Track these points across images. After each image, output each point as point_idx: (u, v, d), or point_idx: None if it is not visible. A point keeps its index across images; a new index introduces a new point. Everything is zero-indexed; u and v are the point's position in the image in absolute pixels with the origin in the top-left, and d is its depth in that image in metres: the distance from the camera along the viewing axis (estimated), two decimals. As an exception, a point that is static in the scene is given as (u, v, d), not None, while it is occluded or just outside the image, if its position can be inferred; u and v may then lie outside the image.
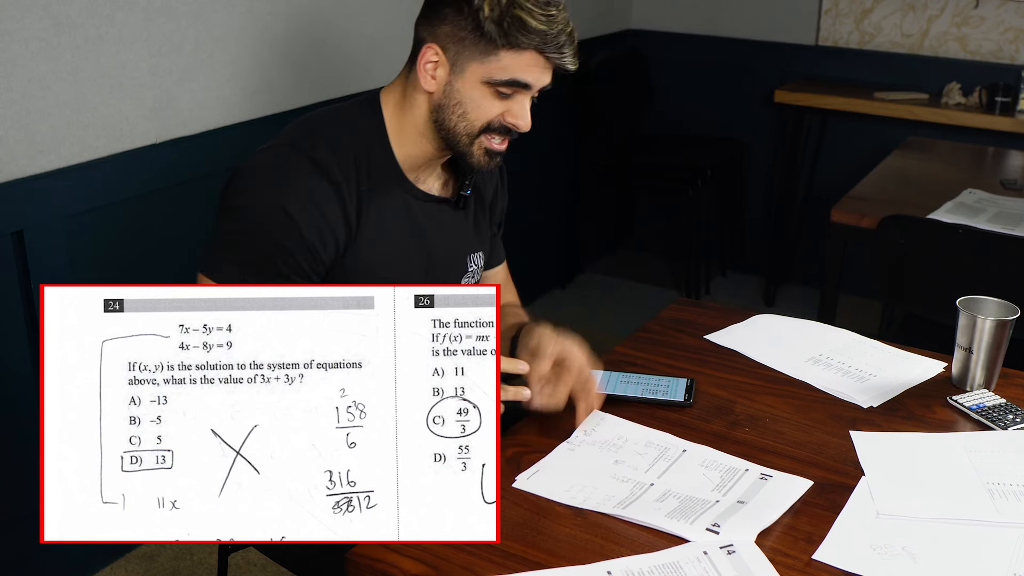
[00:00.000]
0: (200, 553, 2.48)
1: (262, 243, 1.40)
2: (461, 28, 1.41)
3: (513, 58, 1.41)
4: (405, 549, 1.18)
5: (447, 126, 1.46)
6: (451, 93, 1.44)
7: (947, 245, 2.35)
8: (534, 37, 1.39)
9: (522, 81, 1.43)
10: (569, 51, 1.43)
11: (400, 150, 1.50)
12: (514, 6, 1.38)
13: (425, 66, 1.44)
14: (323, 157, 1.44)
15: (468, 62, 1.42)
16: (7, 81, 2.02)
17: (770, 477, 1.33)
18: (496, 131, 1.47)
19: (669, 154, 4.05)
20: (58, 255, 2.17)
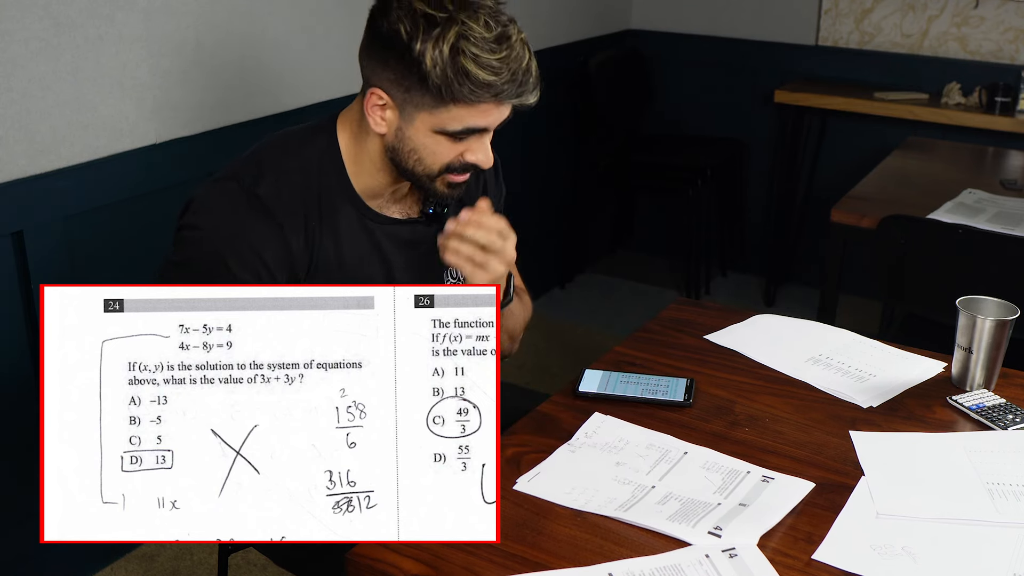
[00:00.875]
0: (200, 553, 2.48)
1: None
2: (405, 77, 1.30)
3: (464, 110, 1.31)
4: (405, 549, 1.18)
5: (404, 167, 1.39)
6: (403, 139, 1.36)
7: (947, 245, 2.35)
8: (485, 92, 1.29)
9: (477, 127, 1.34)
10: (527, 88, 1.32)
11: (357, 179, 1.43)
12: (459, 54, 1.26)
13: (371, 108, 1.36)
14: (267, 194, 1.37)
15: (416, 111, 1.33)
16: (7, 81, 2.02)
17: (772, 479, 1.32)
18: (457, 170, 1.39)
19: (669, 154, 4.05)
20: (58, 255, 2.17)
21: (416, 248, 1.52)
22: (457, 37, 1.26)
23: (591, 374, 1.59)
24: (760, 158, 4.14)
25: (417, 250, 1.52)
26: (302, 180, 1.40)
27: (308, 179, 1.40)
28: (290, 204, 1.38)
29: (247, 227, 1.36)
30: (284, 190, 1.38)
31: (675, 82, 4.24)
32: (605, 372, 1.60)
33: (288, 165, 1.40)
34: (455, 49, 1.26)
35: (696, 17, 4.16)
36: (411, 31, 1.28)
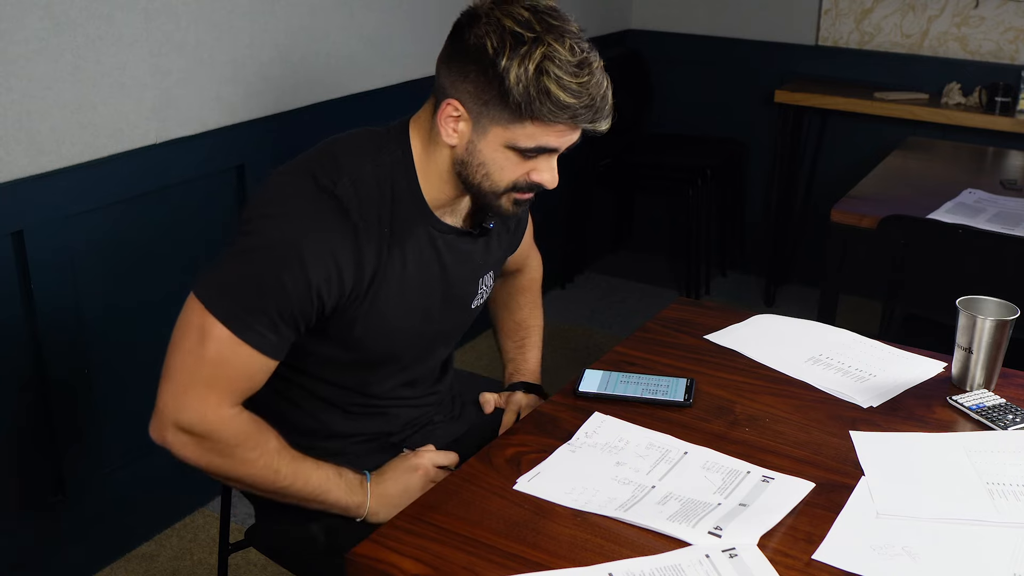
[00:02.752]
0: (200, 553, 2.48)
1: (263, 279, 1.33)
2: (485, 91, 1.30)
3: (540, 128, 1.32)
4: (405, 549, 1.19)
5: (471, 182, 1.39)
6: (473, 152, 1.36)
7: (947, 245, 2.35)
8: (563, 113, 1.30)
9: (548, 147, 1.35)
10: (603, 115, 1.34)
11: (427, 188, 1.43)
12: (543, 74, 1.27)
13: (445, 120, 1.35)
14: (345, 196, 1.36)
15: (492, 125, 1.33)
16: (7, 81, 2.02)
17: (772, 479, 1.32)
18: (522, 189, 1.40)
19: (669, 154, 4.05)
20: (58, 255, 2.16)
21: (468, 257, 1.53)
22: (543, 57, 1.28)
23: (591, 374, 1.59)
24: (760, 158, 4.14)
25: (468, 259, 1.53)
26: (378, 187, 1.40)
27: (383, 187, 1.40)
28: (366, 209, 1.38)
29: (325, 224, 1.35)
30: (362, 195, 1.38)
31: (675, 82, 4.24)
32: (605, 372, 1.60)
33: (365, 170, 1.39)
34: (540, 69, 1.27)
35: (696, 17, 4.16)
36: (498, 47, 1.28)
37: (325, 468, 1.45)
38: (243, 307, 1.34)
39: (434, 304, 1.51)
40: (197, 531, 2.56)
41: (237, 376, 1.37)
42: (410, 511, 1.26)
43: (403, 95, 3.01)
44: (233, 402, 1.38)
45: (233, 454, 1.39)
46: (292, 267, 1.33)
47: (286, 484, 1.42)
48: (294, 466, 1.42)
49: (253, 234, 1.36)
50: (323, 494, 1.44)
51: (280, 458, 1.41)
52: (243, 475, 1.42)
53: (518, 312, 1.84)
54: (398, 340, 1.49)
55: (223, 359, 1.35)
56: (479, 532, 1.22)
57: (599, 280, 4.25)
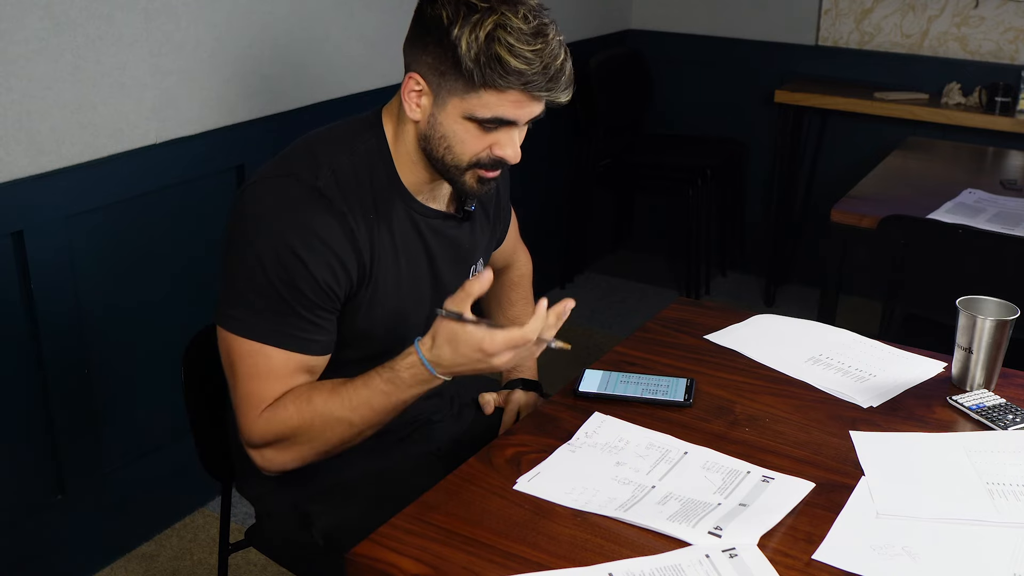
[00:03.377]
0: (200, 553, 2.48)
1: (275, 288, 1.35)
2: (442, 61, 1.33)
3: (495, 97, 1.33)
4: (405, 549, 1.18)
5: (434, 156, 1.41)
6: (435, 125, 1.38)
7: (947, 245, 2.35)
8: (515, 79, 1.30)
9: (505, 119, 1.35)
10: (559, 85, 1.34)
11: (403, 171, 1.46)
12: (493, 41, 1.29)
13: (408, 94, 1.38)
14: (327, 187, 1.38)
15: (449, 96, 1.35)
16: (7, 81, 2.02)
17: (772, 479, 1.32)
18: (485, 165, 1.40)
19: (669, 154, 4.05)
20: (58, 255, 2.16)
21: (453, 242, 1.55)
22: (495, 26, 1.30)
23: (591, 374, 1.59)
24: (760, 158, 4.14)
25: (454, 244, 1.55)
26: (356, 175, 1.42)
27: (361, 174, 1.43)
28: (349, 198, 1.40)
29: (313, 219, 1.37)
30: (342, 184, 1.40)
31: (675, 82, 4.24)
32: (605, 372, 1.60)
33: (342, 160, 1.42)
34: (491, 36, 1.29)
35: (696, 17, 4.16)
36: (452, 17, 1.31)
37: (376, 382, 1.36)
38: (278, 321, 1.36)
39: (426, 291, 1.52)
40: (197, 531, 2.56)
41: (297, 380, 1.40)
42: (410, 511, 1.26)
43: (403, 95, 3.01)
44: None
45: (297, 432, 1.38)
46: (295, 269, 1.35)
47: (360, 421, 1.37)
48: (351, 403, 1.37)
49: (248, 247, 1.37)
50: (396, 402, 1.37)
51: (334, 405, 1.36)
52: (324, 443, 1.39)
53: (511, 308, 1.85)
54: (400, 327, 1.50)
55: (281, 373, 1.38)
56: (479, 532, 1.22)
57: (599, 280, 4.25)
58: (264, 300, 1.36)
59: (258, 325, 1.37)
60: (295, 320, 1.37)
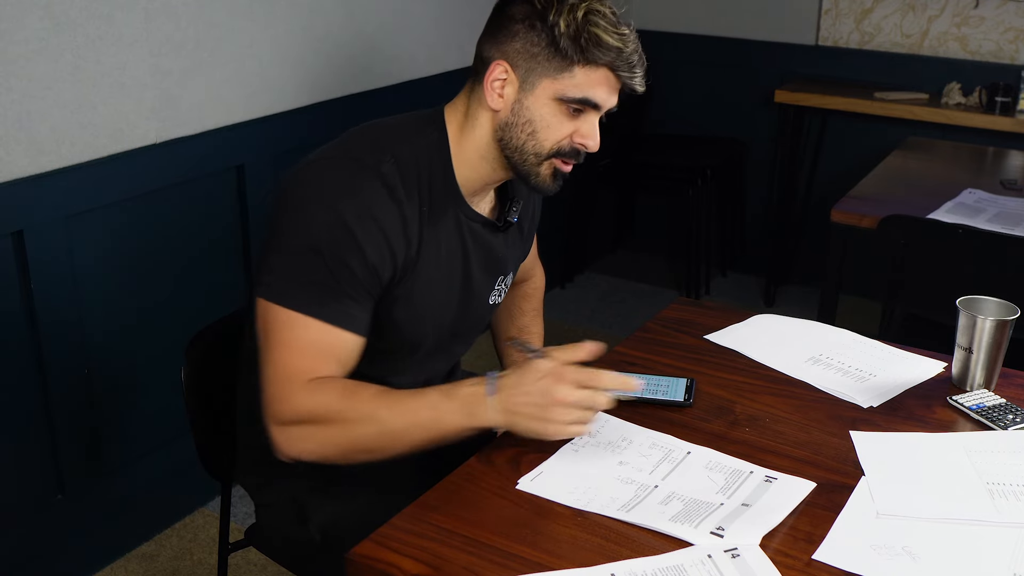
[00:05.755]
0: (200, 553, 2.48)
1: (323, 261, 1.35)
2: (534, 44, 1.38)
3: (587, 75, 1.38)
4: (405, 549, 1.18)
5: (514, 144, 1.42)
6: (520, 111, 1.41)
7: (947, 245, 2.35)
8: (609, 53, 1.37)
9: (593, 100, 1.40)
10: (640, 71, 1.41)
11: (460, 171, 1.46)
12: (589, 23, 1.37)
13: (492, 83, 1.40)
14: (389, 173, 1.39)
15: (540, 79, 1.39)
16: (7, 81, 2.02)
17: (775, 479, 1.32)
18: (566, 154, 1.43)
19: (669, 154, 4.05)
20: (58, 255, 2.16)
21: (489, 250, 1.55)
22: (588, 10, 1.38)
23: (591, 374, 1.59)
24: (760, 158, 4.14)
25: (489, 252, 1.55)
26: (416, 166, 1.43)
27: (420, 167, 1.43)
28: (408, 187, 1.41)
29: (372, 200, 1.37)
30: (403, 173, 1.41)
31: (675, 82, 4.24)
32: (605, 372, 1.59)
33: (405, 151, 1.43)
34: (587, 19, 1.37)
35: (696, 17, 4.16)
36: (545, 4, 1.38)
37: (429, 396, 1.34)
38: (321, 293, 1.36)
39: (455, 294, 1.52)
40: (197, 531, 2.56)
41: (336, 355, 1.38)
42: (410, 511, 1.26)
43: (404, 95, 3.02)
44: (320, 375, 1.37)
45: (331, 419, 1.35)
46: (348, 245, 1.35)
47: (397, 430, 1.33)
48: (396, 408, 1.34)
49: (304, 219, 1.37)
50: (438, 425, 1.33)
51: (377, 403, 1.34)
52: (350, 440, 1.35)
53: (520, 318, 1.85)
54: (428, 326, 1.50)
55: (317, 348, 1.37)
56: (479, 532, 1.22)
57: (599, 280, 4.25)
58: (310, 272, 1.35)
59: (300, 295, 1.35)
60: (338, 294, 1.36)
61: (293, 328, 1.36)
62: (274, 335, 1.37)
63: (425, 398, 1.34)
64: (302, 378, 1.36)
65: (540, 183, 1.46)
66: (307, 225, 1.36)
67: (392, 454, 1.36)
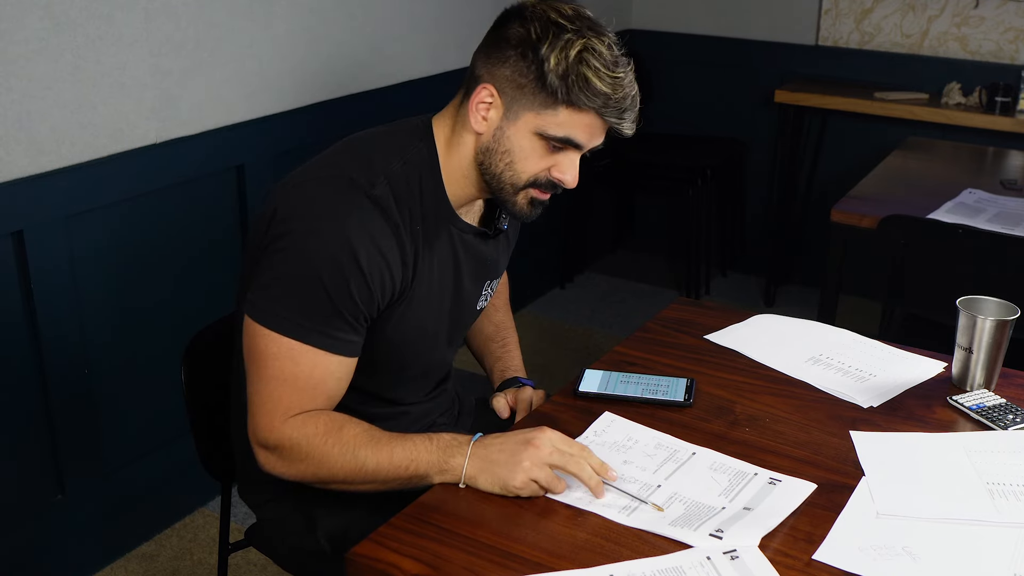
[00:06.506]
0: (200, 553, 2.48)
1: (324, 288, 1.32)
2: (523, 75, 1.34)
3: (571, 116, 1.35)
4: (405, 549, 1.18)
5: (492, 171, 1.40)
6: (501, 139, 1.38)
7: (947, 245, 2.35)
8: (596, 99, 1.33)
9: (575, 141, 1.37)
10: (630, 117, 1.38)
11: (449, 187, 1.44)
12: (581, 63, 1.32)
13: (477, 105, 1.38)
14: (383, 196, 1.36)
15: (524, 111, 1.36)
16: (7, 81, 2.02)
17: (779, 482, 1.32)
18: (542, 186, 1.41)
19: (669, 154, 4.05)
20: (58, 255, 2.16)
21: (480, 258, 1.54)
22: (583, 48, 1.33)
23: (591, 374, 1.59)
24: (760, 158, 4.14)
25: (480, 260, 1.54)
26: (407, 185, 1.41)
27: (412, 185, 1.41)
28: (401, 208, 1.39)
29: (372, 226, 1.35)
30: (396, 194, 1.39)
31: (675, 82, 4.24)
32: (605, 372, 1.60)
33: (397, 170, 1.40)
34: (579, 58, 1.33)
35: (696, 17, 4.16)
36: (540, 34, 1.34)
37: (413, 438, 1.35)
38: (319, 321, 1.34)
39: (447, 303, 1.51)
40: (197, 531, 2.56)
41: (325, 388, 1.38)
42: (410, 511, 1.26)
43: (403, 95, 3.02)
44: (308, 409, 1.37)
45: (312, 454, 1.35)
46: (350, 271, 1.33)
47: (373, 469, 1.34)
48: (376, 448, 1.34)
49: (302, 245, 1.34)
50: (412, 465, 1.33)
51: (359, 443, 1.34)
52: (331, 473, 1.36)
53: (495, 315, 1.84)
54: (422, 340, 1.50)
55: (309, 378, 1.35)
56: (479, 532, 1.22)
57: (599, 280, 4.25)
58: (309, 299, 1.33)
59: (297, 322, 1.33)
60: (336, 321, 1.34)
61: (288, 356, 1.34)
62: (266, 362, 1.35)
63: (407, 439, 1.35)
64: (291, 411, 1.36)
65: (517, 211, 1.44)
66: (306, 252, 1.33)
67: (367, 490, 1.37)
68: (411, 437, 1.35)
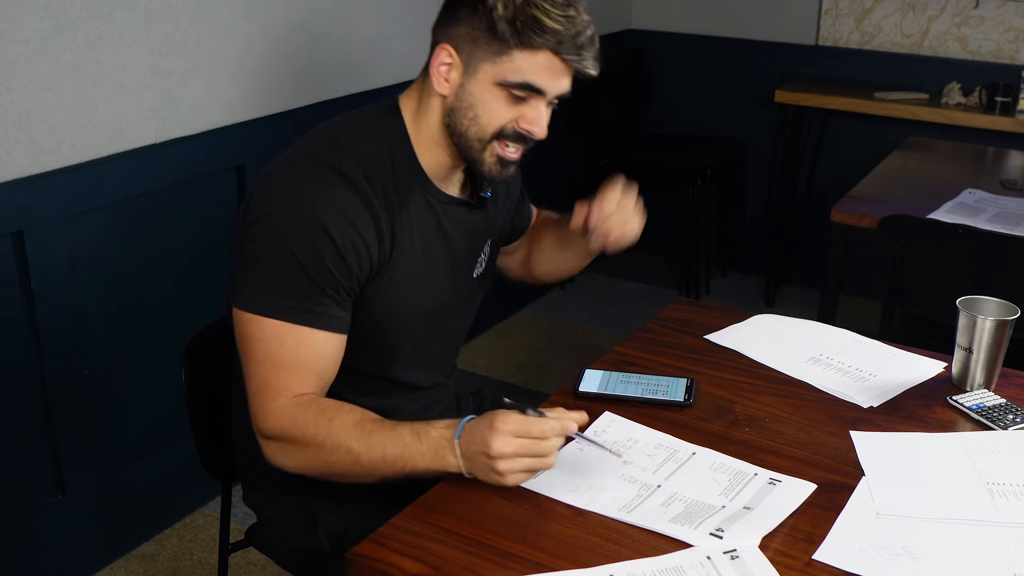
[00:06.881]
0: (200, 553, 2.48)
1: (300, 264, 1.34)
2: (475, 28, 1.36)
3: (527, 59, 1.35)
4: (405, 549, 1.18)
5: (459, 130, 1.41)
6: (463, 96, 1.39)
7: (947, 245, 2.35)
8: (549, 37, 1.34)
9: (535, 86, 1.37)
10: (589, 54, 1.37)
11: (423, 156, 1.45)
12: (529, 5, 1.33)
13: (439, 68, 1.40)
14: (351, 170, 1.38)
15: (481, 63, 1.37)
16: (7, 81, 2.02)
17: (779, 482, 1.32)
18: (509, 137, 1.41)
19: (669, 154, 4.05)
20: (58, 255, 2.16)
21: (470, 228, 1.55)
22: None
23: (591, 374, 1.59)
24: (760, 158, 4.14)
25: (471, 230, 1.55)
26: (378, 159, 1.42)
27: (383, 159, 1.43)
28: (372, 182, 1.41)
29: (340, 198, 1.37)
30: (365, 169, 1.40)
31: (675, 82, 4.24)
32: (605, 372, 1.60)
33: (365, 146, 1.42)
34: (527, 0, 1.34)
35: (696, 17, 4.16)
36: None
37: (402, 434, 1.32)
38: (300, 298, 1.35)
39: (440, 275, 1.51)
40: (197, 531, 2.56)
41: (314, 366, 1.37)
42: (410, 511, 1.26)
43: (403, 95, 3.01)
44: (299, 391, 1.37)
45: (307, 442, 1.34)
46: (321, 243, 1.34)
47: (368, 463, 1.32)
48: (369, 441, 1.32)
49: (274, 225, 1.36)
50: (408, 464, 1.31)
51: (351, 435, 1.33)
52: (326, 464, 1.35)
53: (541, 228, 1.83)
54: (412, 316, 1.49)
55: (296, 357, 1.35)
56: (479, 532, 1.22)
57: (599, 280, 4.25)
58: (287, 278, 1.34)
59: (278, 302, 1.34)
60: (317, 297, 1.35)
61: (273, 338, 1.35)
62: (254, 347, 1.36)
63: (397, 435, 1.32)
64: (284, 393, 1.36)
65: (487, 171, 1.44)
66: (279, 231, 1.35)
67: (367, 481, 1.35)
68: (399, 431, 1.32)
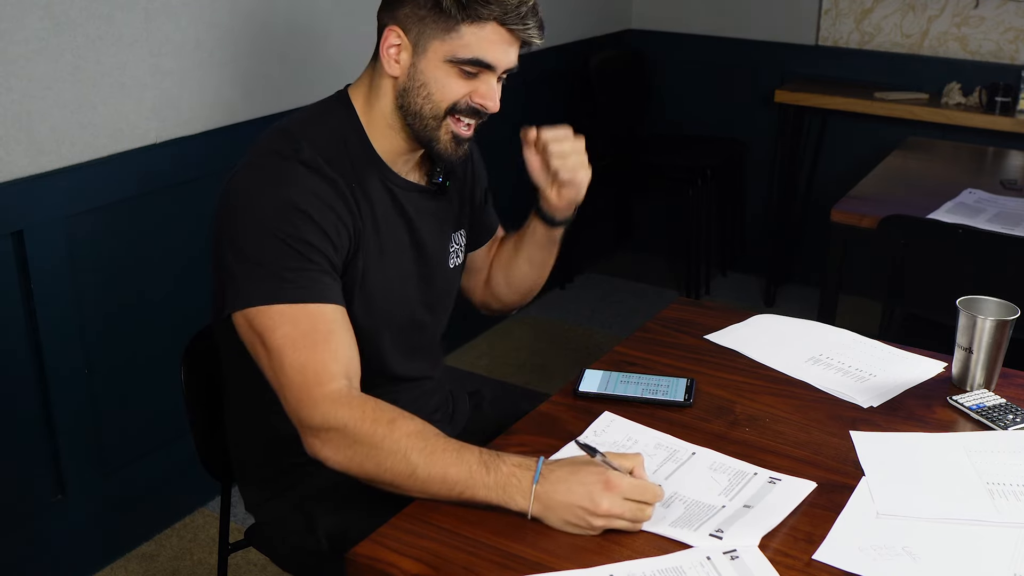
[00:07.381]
0: (200, 553, 2.48)
1: (286, 243, 1.33)
2: (420, 6, 1.38)
3: (474, 33, 1.37)
4: (405, 549, 1.18)
5: (413, 110, 1.42)
6: (415, 75, 1.41)
7: (947, 245, 2.35)
8: (494, 8, 1.36)
9: (485, 61, 1.39)
10: (533, 22, 1.39)
11: (377, 142, 1.47)
12: None
13: (388, 50, 1.41)
14: (311, 158, 1.40)
15: (430, 41, 1.39)
16: (7, 81, 2.02)
17: (778, 481, 1.32)
18: (463, 112, 1.43)
19: (669, 154, 4.05)
20: (58, 255, 2.17)
21: (432, 213, 1.56)
22: None
23: (591, 374, 1.59)
24: (760, 158, 4.14)
25: (433, 215, 1.56)
26: (334, 148, 1.44)
27: (338, 147, 1.44)
28: (333, 166, 1.42)
29: (308, 182, 1.38)
30: (323, 155, 1.42)
31: (675, 82, 4.24)
32: (605, 372, 1.60)
33: (318, 136, 1.44)
34: None
35: (696, 17, 4.16)
36: None
37: (468, 460, 1.24)
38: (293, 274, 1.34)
39: (409, 263, 1.52)
40: (197, 531, 2.56)
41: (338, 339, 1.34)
42: (410, 511, 1.26)
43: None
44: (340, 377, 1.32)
45: (362, 440, 1.27)
46: (301, 222, 1.35)
47: (423, 478, 1.25)
48: (430, 456, 1.25)
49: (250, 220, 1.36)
50: (467, 492, 1.24)
51: (412, 444, 1.26)
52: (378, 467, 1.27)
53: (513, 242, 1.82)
54: (387, 299, 1.49)
55: (314, 334, 1.32)
56: (479, 532, 1.22)
57: (599, 280, 4.25)
58: (273, 262, 1.33)
59: (273, 287, 1.33)
60: (309, 272, 1.34)
61: (286, 322, 1.32)
62: (272, 336, 1.33)
63: (462, 459, 1.24)
64: (324, 376, 1.31)
65: (442, 151, 1.45)
66: (255, 222, 1.35)
67: (408, 495, 1.28)
68: (464, 455, 1.25)
